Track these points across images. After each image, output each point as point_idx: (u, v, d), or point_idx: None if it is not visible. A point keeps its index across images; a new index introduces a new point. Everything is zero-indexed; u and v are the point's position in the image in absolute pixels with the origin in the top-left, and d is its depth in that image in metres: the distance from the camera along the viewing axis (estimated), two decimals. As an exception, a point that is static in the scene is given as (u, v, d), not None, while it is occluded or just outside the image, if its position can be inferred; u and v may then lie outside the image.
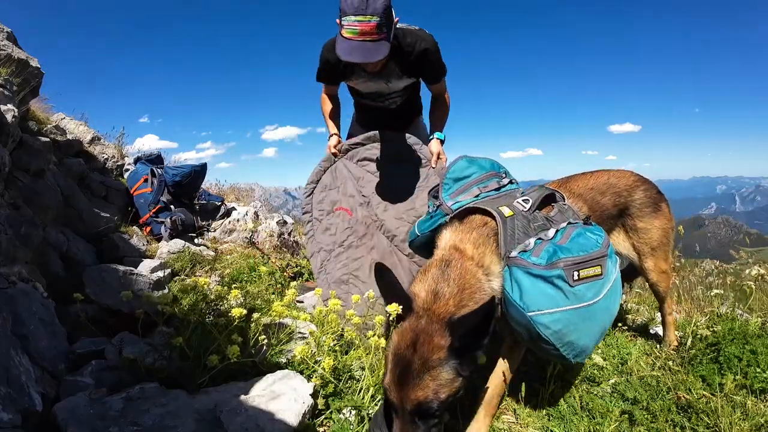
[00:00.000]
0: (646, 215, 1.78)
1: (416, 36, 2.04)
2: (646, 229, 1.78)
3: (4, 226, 1.73)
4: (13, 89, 2.35)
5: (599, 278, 1.25)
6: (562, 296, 1.21)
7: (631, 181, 1.79)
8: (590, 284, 1.23)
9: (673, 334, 2.00)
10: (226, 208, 4.45)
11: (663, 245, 1.81)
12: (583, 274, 1.23)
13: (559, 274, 1.21)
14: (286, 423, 1.26)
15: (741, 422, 1.33)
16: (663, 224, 1.79)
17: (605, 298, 1.26)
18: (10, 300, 1.43)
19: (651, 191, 1.80)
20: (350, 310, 1.70)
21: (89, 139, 4.14)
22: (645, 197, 1.78)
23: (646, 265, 1.83)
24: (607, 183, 1.76)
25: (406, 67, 2.14)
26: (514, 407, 1.61)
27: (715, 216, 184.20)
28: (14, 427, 1.04)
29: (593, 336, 1.27)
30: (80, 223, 2.86)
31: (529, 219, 1.39)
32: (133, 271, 2.41)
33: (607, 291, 1.26)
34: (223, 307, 1.77)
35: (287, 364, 1.60)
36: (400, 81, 2.24)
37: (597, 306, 1.23)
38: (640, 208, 1.77)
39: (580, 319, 1.22)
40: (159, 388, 1.35)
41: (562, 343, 1.22)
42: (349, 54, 1.79)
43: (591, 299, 1.22)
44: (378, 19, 1.72)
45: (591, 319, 1.23)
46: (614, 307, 1.32)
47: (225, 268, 3.18)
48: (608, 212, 1.74)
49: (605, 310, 1.27)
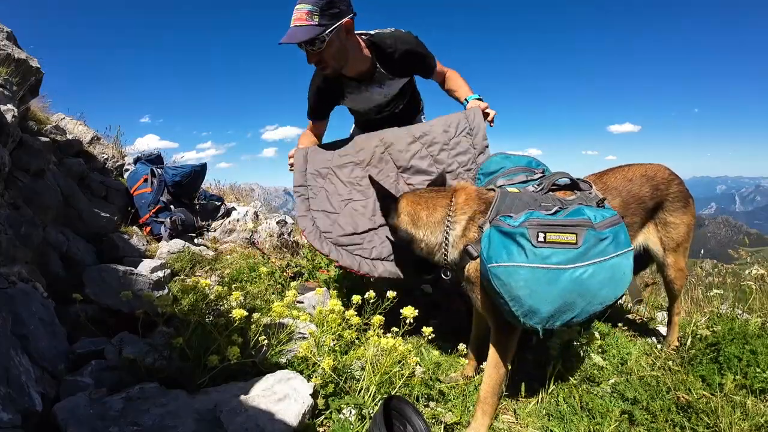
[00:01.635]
0: (677, 210, 1.78)
1: (394, 37, 2.07)
2: (675, 224, 1.79)
3: (4, 226, 1.73)
4: (13, 89, 2.35)
5: (573, 247, 1.24)
6: (521, 253, 1.24)
7: (667, 175, 1.80)
8: (560, 250, 1.24)
9: (676, 335, 2.00)
10: (226, 208, 4.45)
11: (685, 242, 1.82)
12: (551, 237, 1.24)
13: (522, 232, 1.25)
14: (286, 423, 1.26)
15: (741, 422, 1.33)
16: (689, 221, 1.81)
17: (581, 272, 1.24)
18: (10, 300, 1.43)
19: (683, 186, 1.81)
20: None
21: (89, 139, 4.13)
22: (679, 192, 1.79)
23: (668, 261, 1.83)
24: (645, 175, 1.76)
25: (395, 69, 2.15)
26: (514, 407, 1.61)
27: (715, 216, 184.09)
28: (14, 427, 1.04)
29: (548, 301, 1.24)
30: (80, 223, 2.86)
31: (536, 198, 1.40)
32: (133, 271, 2.40)
33: (585, 265, 1.24)
34: (223, 307, 1.77)
35: (287, 365, 1.61)
36: (394, 82, 2.24)
37: (564, 274, 1.23)
38: (673, 203, 1.78)
39: (536, 279, 1.22)
40: (159, 388, 1.35)
41: (511, 297, 1.24)
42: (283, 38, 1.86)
43: (556, 264, 1.23)
44: (310, 6, 1.80)
45: (551, 283, 1.23)
46: (595, 287, 1.26)
47: (225, 268, 3.19)
48: (645, 204, 1.74)
49: (577, 282, 1.24)
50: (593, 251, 1.26)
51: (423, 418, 1.24)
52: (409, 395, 1.55)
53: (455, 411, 1.52)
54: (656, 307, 2.71)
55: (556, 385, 1.61)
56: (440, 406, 1.57)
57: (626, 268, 1.31)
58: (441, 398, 1.63)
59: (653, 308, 2.71)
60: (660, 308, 2.70)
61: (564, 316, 1.27)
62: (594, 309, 1.30)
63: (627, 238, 1.33)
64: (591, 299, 1.27)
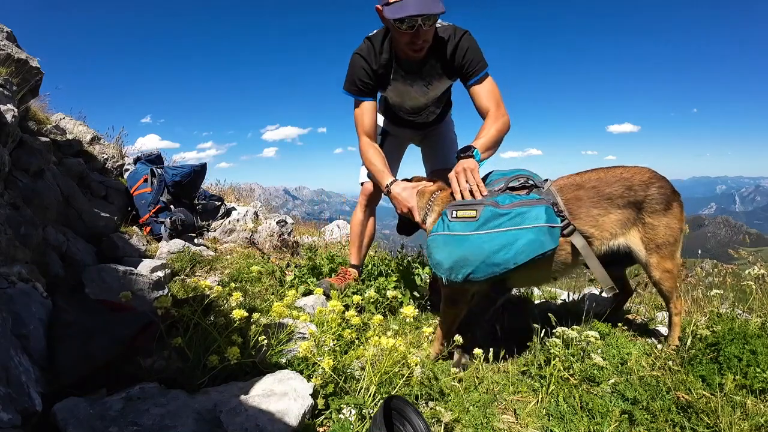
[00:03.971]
0: (656, 212, 1.79)
1: (452, 29, 2.02)
2: (653, 225, 1.79)
3: (3, 226, 1.72)
4: (13, 89, 2.35)
5: (472, 219, 1.62)
6: (441, 225, 1.70)
7: (646, 177, 1.82)
8: (463, 223, 1.64)
9: (676, 334, 1.98)
10: (226, 208, 4.45)
11: (669, 244, 1.81)
12: (459, 214, 1.65)
13: (444, 211, 1.71)
14: (286, 423, 1.26)
15: (741, 422, 1.33)
16: (671, 222, 1.80)
17: (477, 238, 1.60)
18: (10, 300, 1.43)
19: (665, 189, 1.81)
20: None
21: (89, 139, 4.14)
22: (658, 194, 1.79)
23: (650, 261, 1.83)
24: (619, 177, 1.81)
25: (446, 64, 2.07)
26: (514, 407, 1.61)
27: (715, 216, 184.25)
28: (14, 427, 1.04)
29: (447, 257, 1.65)
30: (80, 223, 2.86)
31: (492, 194, 1.74)
32: (133, 271, 2.40)
33: (480, 233, 1.60)
34: (223, 307, 1.77)
35: (287, 365, 1.61)
36: (440, 83, 2.19)
37: (462, 238, 1.62)
38: (652, 204, 1.79)
39: (444, 242, 1.66)
40: (159, 388, 1.35)
41: (429, 254, 1.74)
42: (402, 10, 1.76)
43: (457, 231, 1.64)
44: None
45: (451, 245, 1.64)
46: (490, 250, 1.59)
47: (225, 268, 3.19)
48: (615, 202, 1.79)
49: (471, 245, 1.60)
50: (490, 224, 1.60)
51: (423, 418, 1.24)
52: (409, 395, 1.55)
53: (455, 410, 1.53)
54: (656, 307, 2.71)
55: (556, 385, 1.62)
56: (440, 405, 1.57)
57: (525, 240, 1.58)
58: (441, 398, 1.63)
59: (653, 308, 2.71)
60: (660, 308, 2.70)
61: (463, 270, 1.62)
62: (492, 270, 1.60)
63: (539, 218, 1.60)
64: (485, 259, 1.59)
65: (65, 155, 3.32)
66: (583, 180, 1.83)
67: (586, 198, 1.78)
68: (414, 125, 2.53)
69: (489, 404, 1.59)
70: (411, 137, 2.70)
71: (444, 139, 2.63)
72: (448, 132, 2.66)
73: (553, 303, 2.82)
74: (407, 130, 2.61)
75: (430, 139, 2.66)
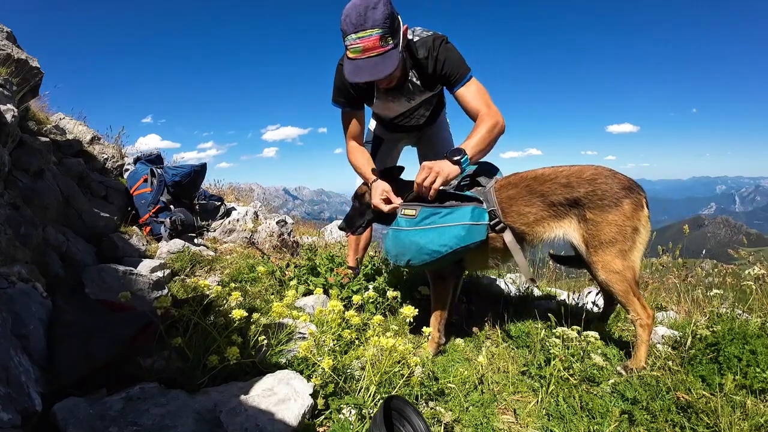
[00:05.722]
0: (597, 208, 1.73)
1: (430, 41, 1.93)
2: (595, 221, 1.73)
3: (3, 226, 1.72)
4: (13, 89, 2.35)
5: (412, 218, 1.84)
6: (395, 222, 1.90)
7: (588, 174, 1.78)
8: (405, 219, 1.86)
9: (642, 353, 1.73)
10: (226, 208, 4.45)
11: (616, 242, 1.71)
12: (405, 212, 1.87)
13: (398, 211, 1.91)
14: (285, 423, 1.26)
15: (741, 422, 1.33)
16: (618, 220, 1.70)
17: (414, 233, 1.82)
18: (10, 300, 1.43)
19: (610, 186, 1.73)
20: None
21: (89, 139, 4.14)
22: (600, 190, 1.73)
23: (593, 259, 1.75)
24: (557, 174, 1.84)
25: (427, 79, 2.04)
26: (514, 407, 1.61)
27: (715, 216, 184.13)
28: (14, 427, 1.04)
29: (393, 247, 1.90)
30: (80, 223, 2.86)
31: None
32: (133, 271, 2.40)
33: (416, 229, 1.82)
34: (222, 307, 1.77)
35: (287, 365, 1.61)
36: (423, 95, 2.17)
37: (403, 232, 1.85)
38: (592, 200, 1.74)
39: (392, 235, 1.90)
40: (159, 388, 1.35)
41: (384, 244, 2.03)
42: (356, 74, 1.74)
43: (400, 226, 1.87)
44: (380, 30, 1.66)
45: (396, 237, 1.88)
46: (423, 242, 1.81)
47: (225, 268, 3.19)
48: (548, 200, 1.83)
49: (408, 238, 1.83)
50: (425, 221, 1.82)
51: (423, 418, 1.24)
52: (409, 395, 1.55)
53: (455, 410, 1.53)
54: (656, 307, 2.71)
55: (556, 385, 1.61)
56: (440, 405, 1.57)
57: (449, 235, 1.79)
58: (440, 398, 1.63)
59: (653, 308, 2.71)
60: (659, 308, 2.70)
61: (404, 257, 1.87)
62: (424, 258, 1.82)
63: (465, 216, 1.81)
64: (419, 249, 1.81)
65: (65, 155, 3.31)
66: (519, 179, 1.92)
67: (519, 197, 1.88)
68: (406, 129, 2.52)
69: (489, 404, 1.59)
70: (405, 140, 2.71)
71: (437, 139, 2.63)
72: (442, 131, 2.65)
73: (552, 302, 2.82)
74: (400, 134, 2.62)
75: (424, 140, 2.67)
